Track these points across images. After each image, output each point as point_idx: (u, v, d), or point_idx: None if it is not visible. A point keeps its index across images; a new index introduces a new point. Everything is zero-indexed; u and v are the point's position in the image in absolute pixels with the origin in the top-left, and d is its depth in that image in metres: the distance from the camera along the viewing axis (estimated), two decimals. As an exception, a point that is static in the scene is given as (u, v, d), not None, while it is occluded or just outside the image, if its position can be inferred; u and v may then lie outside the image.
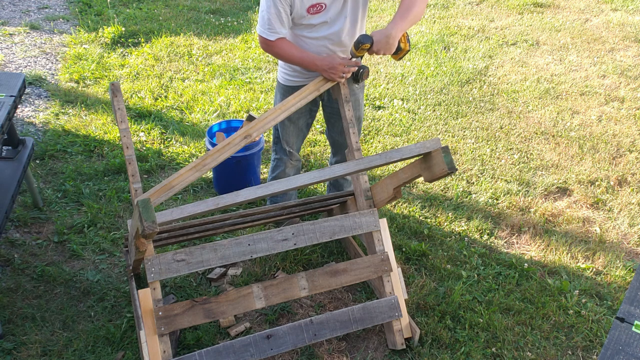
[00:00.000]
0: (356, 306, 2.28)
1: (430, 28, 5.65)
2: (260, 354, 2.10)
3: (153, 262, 2.04)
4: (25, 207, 3.04)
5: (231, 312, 2.12)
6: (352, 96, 2.57)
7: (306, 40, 2.39)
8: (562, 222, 3.18)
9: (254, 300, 2.15)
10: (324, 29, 2.36)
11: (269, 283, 2.19)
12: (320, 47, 2.40)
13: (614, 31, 5.68)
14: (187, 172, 2.11)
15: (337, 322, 2.23)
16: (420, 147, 1.99)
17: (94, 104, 4.03)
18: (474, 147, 3.79)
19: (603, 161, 3.70)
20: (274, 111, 2.31)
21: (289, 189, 1.93)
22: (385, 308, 2.31)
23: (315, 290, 2.24)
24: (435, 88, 4.52)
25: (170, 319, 2.03)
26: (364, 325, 2.27)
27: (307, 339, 2.17)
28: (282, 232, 2.23)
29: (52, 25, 5.33)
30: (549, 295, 2.68)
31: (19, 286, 2.57)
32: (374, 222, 2.38)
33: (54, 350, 2.30)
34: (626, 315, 1.53)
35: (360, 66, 2.39)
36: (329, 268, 2.29)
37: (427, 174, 2.05)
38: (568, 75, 4.80)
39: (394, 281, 2.37)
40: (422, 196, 3.32)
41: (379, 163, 2.03)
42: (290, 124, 2.67)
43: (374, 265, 2.34)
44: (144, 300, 2.01)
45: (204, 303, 2.09)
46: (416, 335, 2.38)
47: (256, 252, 2.19)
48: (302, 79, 2.53)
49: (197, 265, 2.10)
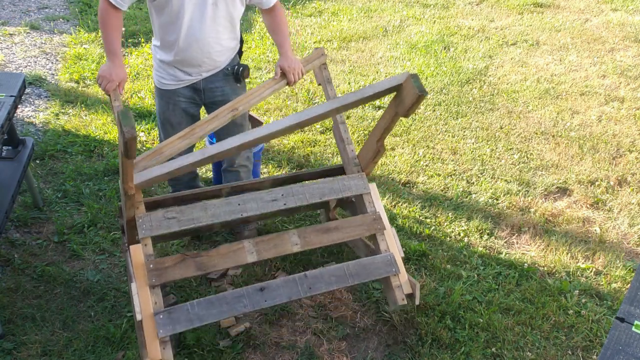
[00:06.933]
0: (351, 262, 2.24)
1: (430, 28, 5.65)
2: (253, 305, 2.06)
3: (144, 219, 2.09)
4: (25, 207, 3.04)
5: (222, 265, 2.12)
6: (234, 95, 2.56)
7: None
8: (562, 222, 3.18)
9: (245, 254, 2.14)
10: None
11: (260, 239, 2.19)
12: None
13: (614, 31, 5.68)
14: (177, 139, 2.16)
15: (332, 277, 2.18)
16: (391, 80, 2.09)
17: (94, 104, 4.03)
18: (474, 147, 3.79)
19: (603, 161, 3.70)
20: (261, 87, 2.36)
21: (271, 133, 2.08)
22: (381, 264, 2.27)
23: (307, 246, 2.22)
24: (435, 88, 4.52)
25: (161, 271, 2.04)
26: (360, 280, 2.22)
27: (302, 292, 2.12)
28: (271, 193, 2.27)
29: (52, 25, 5.33)
30: (549, 295, 2.68)
31: (19, 286, 2.57)
32: (363, 185, 2.40)
33: (54, 350, 2.30)
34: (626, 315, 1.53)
35: (240, 65, 2.49)
36: (320, 226, 2.29)
37: (401, 107, 2.11)
38: (568, 75, 4.80)
39: (388, 240, 2.34)
40: (422, 196, 3.32)
41: (353, 99, 2.11)
42: (171, 129, 2.61)
43: (366, 224, 2.33)
44: (135, 254, 2.04)
45: (195, 257, 2.10)
46: (416, 289, 2.31)
47: (246, 211, 2.20)
48: (174, 81, 2.51)
49: (187, 222, 2.13)
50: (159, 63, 2.48)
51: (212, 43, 2.41)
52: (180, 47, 2.38)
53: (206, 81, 2.52)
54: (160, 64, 2.48)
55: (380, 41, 5.36)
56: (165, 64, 2.46)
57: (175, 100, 2.53)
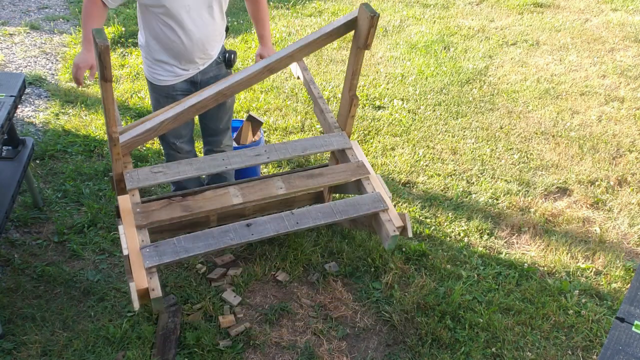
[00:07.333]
0: (338, 200, 2.25)
1: (430, 28, 5.65)
2: (240, 237, 2.06)
3: (132, 174, 2.17)
4: (25, 207, 3.04)
5: (208, 206, 2.14)
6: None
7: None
8: (562, 222, 3.18)
9: (230, 197, 2.17)
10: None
11: (245, 185, 2.24)
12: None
13: (614, 31, 5.68)
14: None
15: (319, 213, 2.18)
16: (346, 16, 2.20)
17: (94, 104, 4.03)
18: (474, 147, 3.79)
19: (603, 161, 3.70)
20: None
21: (244, 79, 2.17)
22: (369, 201, 2.26)
23: (292, 189, 2.24)
24: (435, 88, 4.52)
25: (148, 213, 2.06)
26: (348, 215, 2.20)
27: (289, 226, 2.12)
28: (254, 150, 2.35)
29: (52, 25, 5.33)
30: (549, 295, 2.68)
31: (19, 286, 2.57)
32: (345, 142, 2.46)
33: (54, 350, 2.30)
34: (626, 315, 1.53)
35: (228, 51, 2.56)
36: (305, 172, 2.33)
37: (360, 38, 2.20)
38: (568, 75, 4.80)
39: (374, 183, 2.34)
40: (422, 196, 3.33)
41: (315, 37, 2.20)
42: None
43: (350, 170, 2.36)
44: (123, 203, 2.08)
45: (180, 201, 2.13)
46: (407, 221, 2.24)
47: (230, 164, 2.28)
48: (172, 77, 2.50)
49: (173, 175, 2.20)
50: (154, 61, 2.47)
51: (210, 40, 2.43)
52: (180, 48, 2.38)
53: (202, 73, 2.54)
54: (155, 62, 2.47)
55: (380, 41, 5.36)
56: (162, 62, 2.45)
57: (172, 95, 2.53)
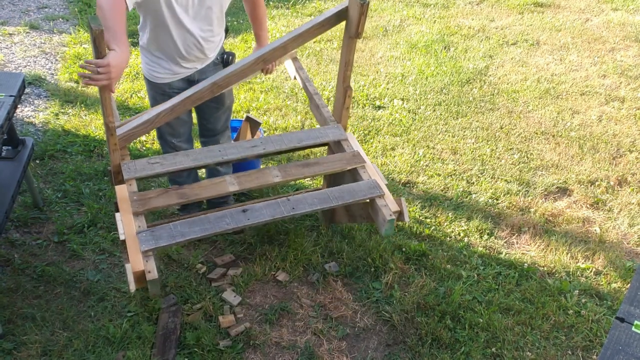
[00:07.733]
0: (335, 187, 2.27)
1: (430, 28, 5.65)
2: (236, 222, 2.06)
3: (129, 165, 2.20)
4: (25, 207, 3.04)
5: (204, 194, 2.16)
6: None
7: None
8: (562, 222, 3.18)
9: (227, 185, 2.19)
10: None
11: (242, 174, 2.25)
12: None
13: (615, 31, 5.68)
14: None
15: (315, 199, 2.19)
16: (337, 7, 2.19)
17: (93, 104, 4.03)
18: (474, 147, 3.79)
19: (603, 161, 3.70)
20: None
21: (239, 70, 2.23)
22: (365, 187, 2.27)
23: (287, 177, 2.26)
24: (435, 88, 4.52)
25: (145, 200, 2.08)
26: (344, 200, 2.20)
27: (285, 212, 2.12)
28: (251, 142, 2.38)
29: (52, 25, 5.33)
30: (548, 295, 2.68)
31: (19, 286, 2.57)
32: (340, 133, 2.47)
33: (54, 350, 2.30)
34: (626, 315, 1.53)
35: (227, 52, 2.58)
36: (300, 162, 2.35)
37: (352, 27, 2.20)
38: (568, 75, 4.79)
39: (370, 171, 2.35)
40: (422, 196, 3.32)
41: (307, 27, 2.22)
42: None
43: (346, 159, 2.37)
44: (120, 192, 2.10)
45: (177, 189, 2.15)
46: (403, 206, 2.23)
47: (227, 155, 2.30)
48: (169, 75, 2.49)
49: (170, 165, 2.22)
50: (152, 58, 2.47)
51: (208, 41, 2.43)
52: (179, 47, 2.38)
53: (200, 72, 2.53)
54: (153, 59, 2.46)
55: (380, 41, 5.35)
56: (160, 60, 2.45)
57: (168, 93, 2.52)
